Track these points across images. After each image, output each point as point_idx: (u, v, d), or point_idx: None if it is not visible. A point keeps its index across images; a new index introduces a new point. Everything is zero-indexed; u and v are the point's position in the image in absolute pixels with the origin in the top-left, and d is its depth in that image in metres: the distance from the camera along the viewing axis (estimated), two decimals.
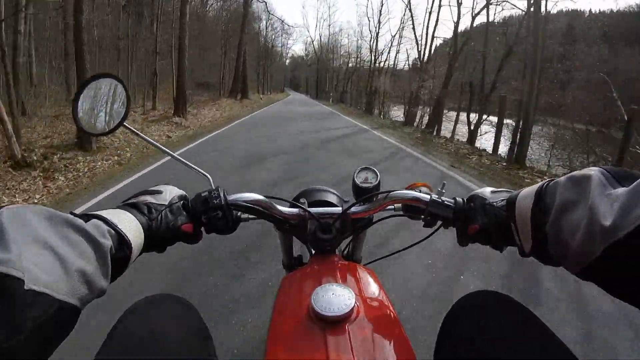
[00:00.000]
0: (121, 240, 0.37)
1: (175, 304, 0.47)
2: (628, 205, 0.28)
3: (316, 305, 0.41)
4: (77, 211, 0.52)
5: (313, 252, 0.65)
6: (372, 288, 0.50)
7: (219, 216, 0.51)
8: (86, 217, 0.36)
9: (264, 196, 0.56)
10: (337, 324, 0.40)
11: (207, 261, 2.06)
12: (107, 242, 0.34)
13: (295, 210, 0.59)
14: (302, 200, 0.61)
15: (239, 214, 0.57)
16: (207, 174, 0.59)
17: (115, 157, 4.99)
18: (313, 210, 0.58)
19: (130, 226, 0.40)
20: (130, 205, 0.45)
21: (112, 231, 0.37)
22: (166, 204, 0.48)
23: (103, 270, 0.33)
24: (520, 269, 2.05)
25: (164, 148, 0.59)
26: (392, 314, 0.45)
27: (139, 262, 0.44)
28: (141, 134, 0.56)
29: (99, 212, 0.38)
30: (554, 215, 0.35)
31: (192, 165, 0.60)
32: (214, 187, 0.53)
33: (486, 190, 0.52)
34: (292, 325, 0.42)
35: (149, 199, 0.48)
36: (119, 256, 0.37)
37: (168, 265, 1.98)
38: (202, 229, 0.52)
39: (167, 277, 1.91)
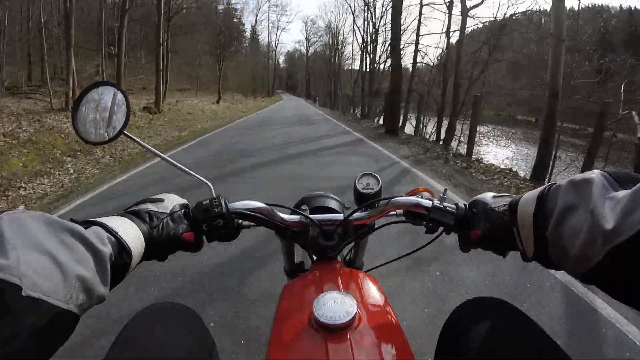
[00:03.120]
0: (121, 247, 0.37)
1: (179, 312, 0.47)
2: (630, 208, 0.27)
3: (318, 313, 0.40)
4: None
5: (315, 258, 0.64)
6: (374, 295, 0.50)
7: (220, 224, 0.50)
8: (86, 223, 0.36)
9: (266, 203, 0.56)
10: (338, 332, 0.39)
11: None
12: (107, 249, 0.34)
13: (296, 217, 0.59)
14: (303, 207, 0.61)
15: (240, 221, 0.57)
16: (208, 182, 0.58)
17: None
18: (315, 217, 0.58)
19: (131, 233, 0.40)
20: (132, 213, 0.45)
21: (112, 238, 0.37)
22: (167, 212, 0.48)
23: (102, 277, 0.33)
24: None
25: (165, 156, 0.59)
26: (394, 321, 0.45)
27: None
28: (142, 142, 0.56)
29: (99, 219, 0.38)
30: (555, 220, 0.35)
31: (193, 173, 0.60)
32: (215, 195, 0.53)
33: (488, 195, 0.51)
34: (294, 333, 0.42)
35: (151, 207, 0.48)
36: (118, 263, 0.37)
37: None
38: (204, 237, 0.52)
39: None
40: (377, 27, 17.71)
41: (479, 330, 0.42)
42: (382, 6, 17.09)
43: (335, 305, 0.41)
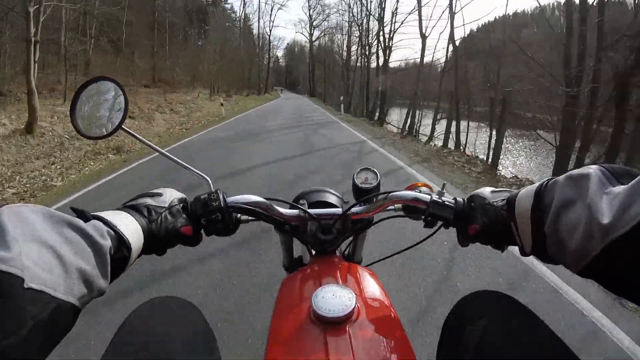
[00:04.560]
0: (120, 241, 0.38)
1: (180, 306, 0.47)
2: (627, 203, 0.28)
3: (316, 306, 0.41)
4: None
5: (313, 253, 0.65)
6: (373, 289, 0.50)
7: (218, 218, 0.51)
8: (86, 217, 0.36)
9: (264, 198, 0.56)
10: (337, 325, 0.40)
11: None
12: (107, 243, 0.34)
13: (295, 211, 0.59)
14: (302, 201, 0.61)
15: (238, 215, 0.57)
16: (206, 177, 0.58)
17: None
18: (313, 211, 0.58)
19: (130, 227, 0.40)
20: (131, 207, 0.45)
21: (112, 232, 0.37)
22: (166, 206, 0.48)
23: (102, 270, 0.33)
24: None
25: (163, 151, 0.59)
26: (392, 314, 0.45)
27: None
28: (140, 137, 0.56)
29: (98, 213, 0.38)
30: (553, 214, 0.35)
31: (192, 168, 0.60)
32: (213, 190, 0.53)
33: (486, 190, 0.52)
34: (293, 327, 0.42)
35: (149, 201, 0.48)
36: (118, 257, 0.37)
37: None
38: (202, 231, 0.52)
39: None
40: None
41: (481, 324, 0.42)
42: None
43: (334, 299, 0.41)
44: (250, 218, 0.58)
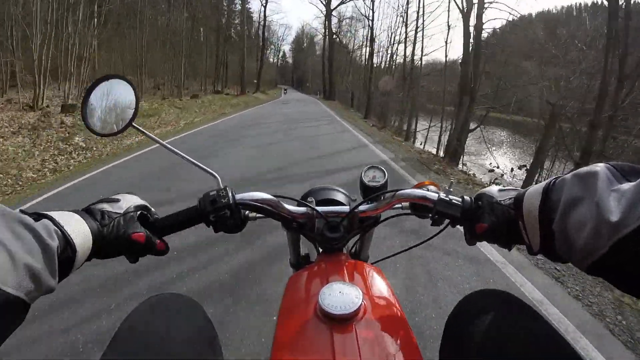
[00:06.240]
0: (67, 242, 0.37)
1: (182, 304, 0.47)
2: (635, 200, 0.28)
3: (323, 303, 0.41)
4: None
5: (320, 250, 0.65)
6: (380, 286, 0.50)
7: (227, 215, 0.51)
8: (36, 215, 0.36)
9: (272, 195, 0.57)
10: (344, 322, 0.40)
11: None
12: (54, 243, 0.34)
13: (303, 209, 0.59)
14: (309, 199, 0.61)
15: (247, 212, 0.57)
16: (215, 174, 0.59)
17: None
18: (321, 209, 0.58)
19: (78, 229, 0.40)
20: (85, 210, 0.45)
21: (59, 232, 0.37)
22: (121, 212, 0.47)
23: (50, 268, 0.33)
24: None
25: (172, 148, 0.60)
26: (399, 312, 0.45)
27: None
28: (150, 134, 0.57)
29: (49, 213, 0.38)
30: (561, 213, 0.35)
31: (201, 165, 0.60)
32: (222, 187, 0.53)
33: (493, 189, 0.51)
34: (299, 324, 0.43)
35: (105, 206, 0.47)
36: (63, 257, 0.37)
37: None
38: (159, 240, 0.50)
39: None
40: None
41: (483, 323, 0.42)
42: None
43: (340, 296, 0.42)
44: (258, 215, 0.59)
